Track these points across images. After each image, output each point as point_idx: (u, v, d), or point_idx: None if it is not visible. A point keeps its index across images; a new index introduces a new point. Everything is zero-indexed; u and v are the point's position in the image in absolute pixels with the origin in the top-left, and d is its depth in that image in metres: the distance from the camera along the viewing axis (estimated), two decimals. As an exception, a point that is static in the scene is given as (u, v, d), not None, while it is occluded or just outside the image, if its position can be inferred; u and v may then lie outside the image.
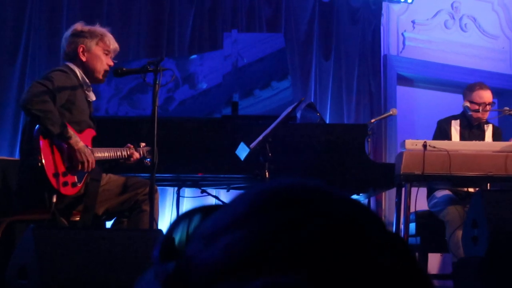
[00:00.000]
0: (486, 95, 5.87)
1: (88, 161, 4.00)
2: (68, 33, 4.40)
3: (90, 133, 4.24)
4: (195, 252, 0.65)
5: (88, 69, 4.28)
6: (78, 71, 4.26)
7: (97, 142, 4.27)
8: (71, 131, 3.97)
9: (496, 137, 5.94)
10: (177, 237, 0.70)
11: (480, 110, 5.82)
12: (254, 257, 0.61)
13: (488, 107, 5.85)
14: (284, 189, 0.66)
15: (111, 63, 4.35)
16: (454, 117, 6.02)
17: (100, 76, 4.32)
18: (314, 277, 0.59)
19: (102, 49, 4.31)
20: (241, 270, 0.61)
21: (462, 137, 5.85)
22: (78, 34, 4.33)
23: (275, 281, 0.58)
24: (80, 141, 4.00)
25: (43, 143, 3.90)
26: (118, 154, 4.32)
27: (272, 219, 0.63)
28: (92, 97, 4.35)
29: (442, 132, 5.92)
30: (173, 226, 0.71)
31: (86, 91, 4.28)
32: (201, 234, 0.65)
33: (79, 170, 4.01)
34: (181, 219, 0.72)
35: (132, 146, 4.39)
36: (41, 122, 3.86)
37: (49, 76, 4.06)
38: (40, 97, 3.88)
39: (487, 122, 6.01)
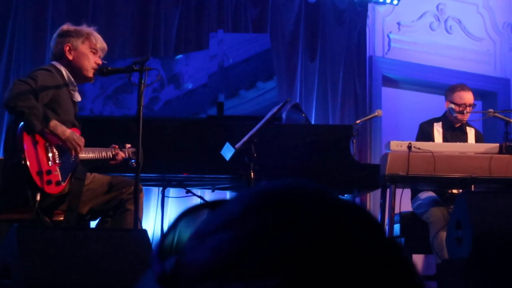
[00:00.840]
0: (467, 96, 5.90)
1: (79, 145, 4.02)
2: (55, 34, 4.39)
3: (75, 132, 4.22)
4: (188, 251, 0.64)
5: (75, 68, 4.27)
6: (64, 71, 4.24)
7: (82, 142, 4.26)
8: (56, 122, 3.96)
9: (478, 140, 5.97)
10: (179, 233, 0.69)
11: (464, 112, 5.84)
12: (238, 259, 0.60)
13: (468, 109, 5.88)
14: (278, 191, 0.65)
15: (99, 62, 4.34)
16: (436, 120, 6.04)
17: (89, 74, 4.30)
18: (294, 282, 0.58)
19: (89, 47, 4.30)
20: (224, 272, 0.60)
21: (445, 139, 5.88)
22: (65, 34, 4.32)
23: (254, 285, 0.58)
24: (66, 129, 4.00)
25: (26, 142, 3.88)
26: (103, 154, 4.31)
27: (261, 220, 0.62)
28: (78, 97, 4.33)
29: (425, 134, 5.94)
30: (176, 222, 0.71)
31: (72, 91, 4.26)
32: (196, 233, 0.65)
33: (65, 165, 4.01)
34: (184, 215, 0.71)
35: (117, 146, 4.37)
36: (26, 117, 3.84)
37: (32, 75, 4.04)
38: (24, 95, 3.87)
39: (469, 125, 6.04)
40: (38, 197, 3.88)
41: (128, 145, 4.45)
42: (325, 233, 0.61)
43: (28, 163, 3.85)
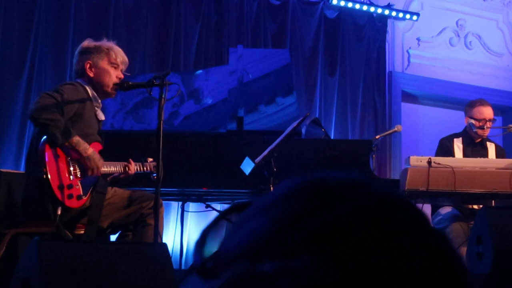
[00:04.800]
0: (487, 112, 5.87)
1: (98, 167, 4.03)
2: (76, 51, 4.42)
3: (97, 147, 4.24)
4: (226, 237, 0.66)
5: (96, 84, 4.29)
6: (88, 88, 4.27)
7: (102, 156, 4.27)
8: (79, 139, 3.98)
9: (500, 154, 5.94)
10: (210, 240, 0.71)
11: (484, 127, 5.82)
12: (273, 239, 0.62)
13: (488, 124, 5.85)
14: (312, 178, 0.67)
15: (121, 76, 4.35)
16: (456, 135, 6.02)
17: (109, 90, 4.32)
18: (325, 262, 0.59)
19: (109, 63, 4.32)
20: (259, 252, 0.61)
21: (465, 155, 5.85)
22: (85, 51, 4.35)
23: (285, 265, 0.58)
24: (88, 147, 4.02)
25: (48, 156, 3.90)
26: (121, 168, 4.32)
27: (295, 204, 0.63)
28: (101, 116, 4.34)
29: (445, 150, 5.91)
30: (207, 231, 0.72)
31: (96, 107, 4.28)
32: (234, 223, 0.67)
33: (87, 179, 4.02)
34: (212, 226, 0.73)
35: (131, 160, 4.36)
36: (49, 130, 3.87)
37: (58, 89, 4.08)
38: (49, 108, 3.90)
39: (490, 140, 6.01)
40: (59, 211, 3.90)
41: (150, 159, 4.46)
42: (357, 217, 0.61)
43: (49, 177, 3.87)
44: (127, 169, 4.29)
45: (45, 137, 3.92)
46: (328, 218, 0.61)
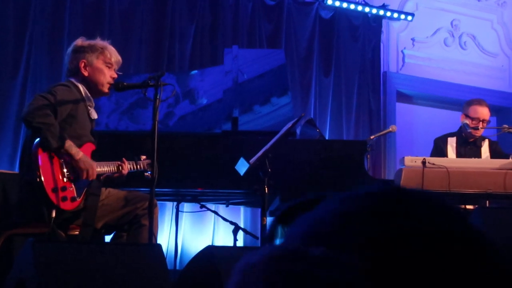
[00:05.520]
0: (482, 111, 5.89)
1: (91, 169, 4.02)
2: (69, 49, 4.41)
3: (90, 147, 4.24)
4: (300, 219, 0.69)
5: (91, 83, 4.29)
6: (81, 87, 4.26)
7: (96, 157, 4.27)
8: (71, 143, 3.98)
9: (492, 148, 5.95)
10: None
11: (478, 127, 5.83)
12: (334, 229, 0.64)
13: (481, 124, 5.86)
14: (402, 189, 0.69)
15: (115, 75, 4.35)
16: (451, 135, 6.04)
17: (105, 89, 4.32)
18: (376, 272, 0.60)
19: (104, 62, 4.32)
20: (313, 239, 0.64)
21: (458, 154, 5.86)
22: (79, 50, 4.34)
23: (334, 256, 0.60)
24: (80, 151, 4.02)
25: (42, 158, 3.90)
26: (115, 168, 4.31)
27: (371, 205, 0.66)
28: (94, 115, 4.34)
29: (438, 150, 5.93)
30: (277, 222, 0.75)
31: (89, 107, 4.28)
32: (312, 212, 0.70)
33: (80, 182, 4.02)
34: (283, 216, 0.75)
35: (124, 159, 4.35)
36: (42, 134, 3.86)
37: (51, 90, 4.07)
38: (42, 110, 3.89)
39: (483, 138, 6.02)
40: (54, 214, 3.89)
41: (143, 157, 4.45)
42: (430, 243, 0.63)
43: (43, 180, 3.86)
44: (120, 168, 4.28)
45: (38, 139, 3.92)
46: (400, 230, 0.63)
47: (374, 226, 0.63)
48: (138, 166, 4.41)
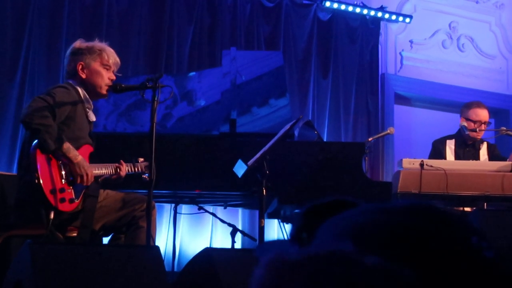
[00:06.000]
0: (482, 114, 5.89)
1: (87, 174, 4.01)
2: (68, 51, 4.41)
3: (88, 149, 4.23)
4: (333, 219, 0.70)
5: (89, 86, 4.29)
6: (79, 89, 4.26)
7: (94, 158, 4.27)
8: (69, 146, 3.97)
9: (491, 150, 5.95)
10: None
11: (477, 129, 5.83)
12: (386, 239, 0.64)
13: (483, 126, 5.87)
14: (439, 207, 0.70)
15: (113, 77, 4.35)
16: (449, 137, 6.04)
17: (103, 91, 4.32)
18: (427, 282, 0.61)
19: (102, 64, 4.31)
20: (366, 242, 0.64)
21: (457, 156, 5.86)
22: (77, 52, 4.33)
23: (388, 267, 0.60)
24: (78, 155, 4.01)
25: (40, 160, 3.89)
26: (113, 170, 4.31)
27: (417, 221, 0.66)
28: (93, 117, 4.34)
29: (437, 152, 5.93)
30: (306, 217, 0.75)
31: (87, 109, 4.27)
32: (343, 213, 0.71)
33: (78, 184, 4.01)
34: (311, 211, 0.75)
35: (122, 161, 4.35)
36: (40, 136, 3.86)
37: (50, 92, 4.07)
38: (41, 112, 3.89)
39: (482, 141, 6.02)
40: (52, 215, 3.89)
41: (141, 159, 4.45)
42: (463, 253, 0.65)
43: (41, 181, 3.86)
44: (118, 170, 4.28)
45: (36, 141, 3.91)
46: (452, 248, 0.64)
47: (427, 243, 0.64)
48: (136, 169, 4.40)
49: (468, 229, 0.67)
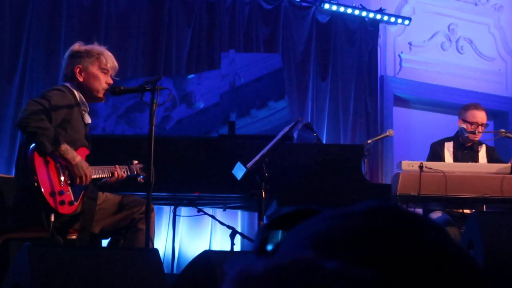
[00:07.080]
0: (480, 116, 5.89)
1: (86, 175, 4.01)
2: (66, 54, 4.39)
3: (84, 152, 4.22)
4: (294, 230, 0.70)
5: (86, 89, 4.27)
6: (76, 92, 4.24)
7: (92, 161, 4.26)
8: (67, 147, 3.97)
9: (490, 153, 5.94)
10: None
11: (476, 131, 5.83)
12: (345, 243, 0.64)
13: (480, 128, 5.86)
14: (396, 209, 0.70)
15: (111, 81, 4.33)
16: (448, 139, 6.04)
17: (100, 95, 4.31)
18: (389, 283, 0.61)
19: (99, 68, 4.29)
20: (326, 249, 0.64)
21: (455, 159, 5.86)
22: (75, 55, 4.32)
23: (348, 270, 0.60)
24: (77, 155, 4.01)
25: (38, 163, 3.89)
26: (109, 173, 4.29)
27: (380, 222, 0.66)
28: (88, 119, 4.32)
29: (435, 154, 5.92)
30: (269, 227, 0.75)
31: (83, 111, 4.26)
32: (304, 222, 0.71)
33: (77, 185, 4.01)
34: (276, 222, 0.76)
35: (117, 166, 4.33)
36: (37, 138, 3.85)
37: (46, 95, 4.06)
38: (37, 115, 3.88)
39: (480, 143, 6.02)
40: (53, 218, 3.88)
41: (135, 162, 4.44)
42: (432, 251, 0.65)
43: (40, 184, 3.86)
44: (114, 174, 4.27)
45: (33, 144, 3.90)
46: (412, 246, 0.64)
47: (386, 243, 0.64)
48: (131, 171, 4.39)
49: (427, 226, 0.67)
